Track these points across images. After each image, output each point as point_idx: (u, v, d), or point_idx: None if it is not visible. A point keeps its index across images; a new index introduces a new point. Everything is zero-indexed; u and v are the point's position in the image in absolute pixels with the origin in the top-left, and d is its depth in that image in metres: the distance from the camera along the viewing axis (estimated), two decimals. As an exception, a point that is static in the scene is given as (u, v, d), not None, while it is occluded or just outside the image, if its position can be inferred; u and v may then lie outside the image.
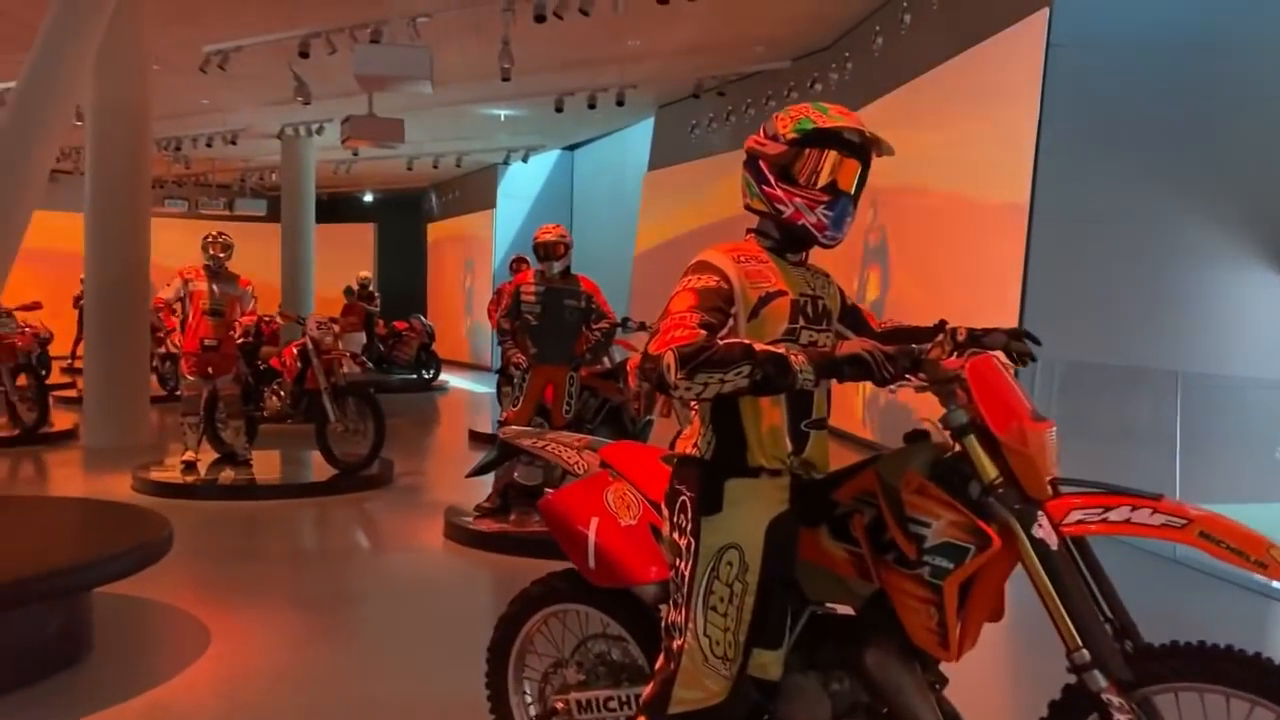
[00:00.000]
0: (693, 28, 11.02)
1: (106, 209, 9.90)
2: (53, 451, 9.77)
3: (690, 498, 2.20)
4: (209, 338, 8.05)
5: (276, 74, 12.67)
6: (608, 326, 6.47)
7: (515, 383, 6.51)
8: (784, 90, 12.21)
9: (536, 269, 6.51)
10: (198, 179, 22.18)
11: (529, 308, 6.40)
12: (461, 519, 6.37)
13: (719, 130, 13.53)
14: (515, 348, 6.45)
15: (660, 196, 15.54)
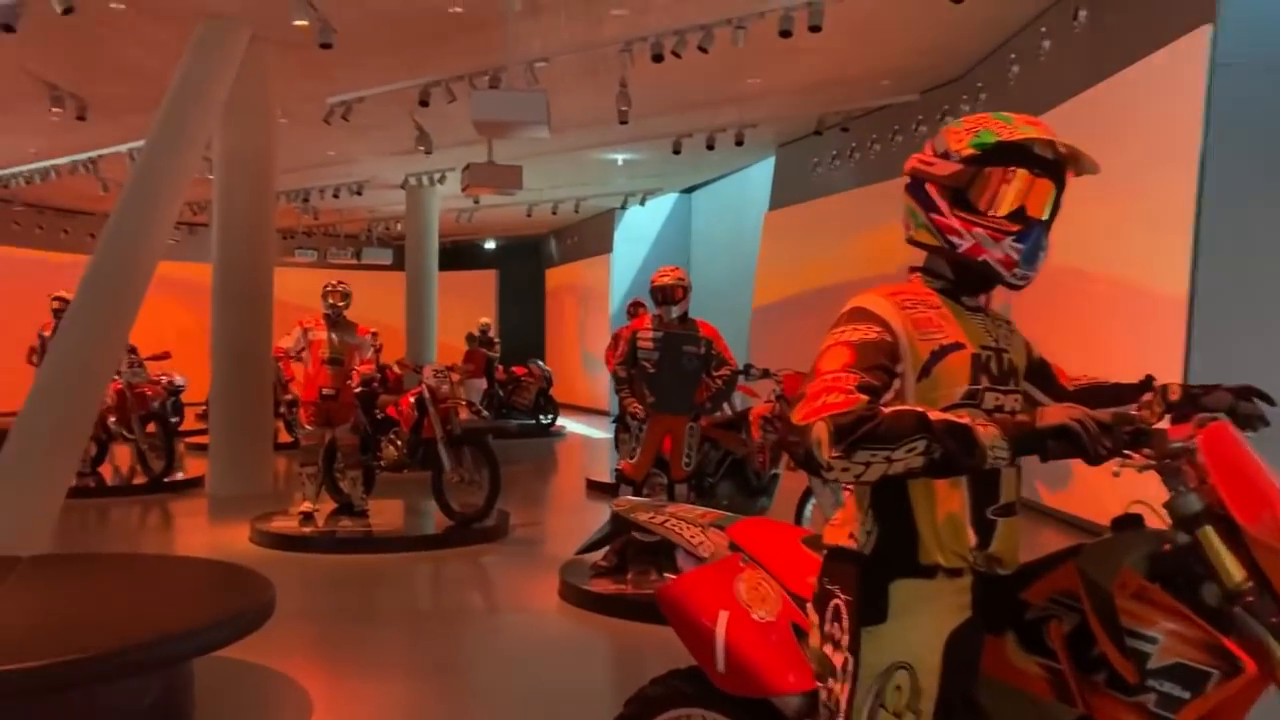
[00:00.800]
0: (815, 62, 10.66)
1: (233, 260, 10.07)
2: (179, 499, 9.89)
3: (846, 602, 1.77)
4: (327, 387, 8.00)
5: (399, 124, 12.84)
6: (729, 374, 6.10)
7: (633, 432, 6.19)
8: (912, 124, 11.71)
9: (654, 314, 6.21)
10: (326, 229, 22.81)
11: (646, 354, 6.09)
12: (577, 579, 6.04)
13: (842, 168, 13.10)
14: (632, 396, 6.14)
15: (781, 237, 15.14)
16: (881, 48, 10.37)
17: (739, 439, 6.32)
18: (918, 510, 1.75)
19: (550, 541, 8.08)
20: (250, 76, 9.68)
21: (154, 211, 7.61)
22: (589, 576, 6.05)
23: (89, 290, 6.98)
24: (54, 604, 3.89)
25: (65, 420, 6.49)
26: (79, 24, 8.91)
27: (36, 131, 13.48)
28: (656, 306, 6.13)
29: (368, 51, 10.15)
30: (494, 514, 7.81)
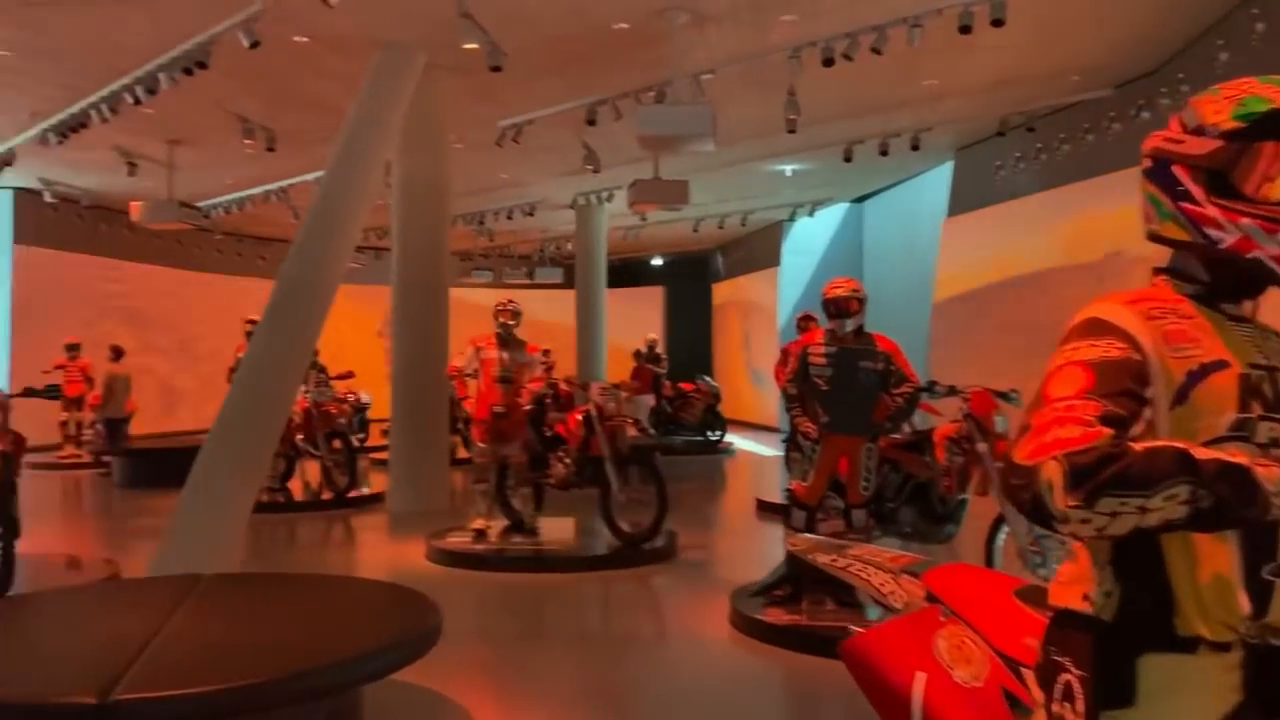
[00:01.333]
0: (998, 60, 10.09)
1: (411, 281, 10.34)
2: (361, 515, 10.19)
3: (1080, 678, 1.44)
4: (499, 405, 8.06)
5: (567, 145, 12.95)
6: (911, 391, 5.73)
7: (805, 452, 5.90)
8: (1104, 122, 10.93)
9: (826, 328, 5.90)
10: (501, 250, 23.38)
11: (818, 370, 5.79)
12: (749, 607, 5.79)
13: (1027, 170, 12.37)
14: (804, 415, 5.86)
15: (962, 245, 14.45)
16: (1070, 41, 9.71)
17: (922, 461, 5.93)
18: (1174, 569, 1.42)
19: (720, 565, 7.86)
20: (425, 103, 9.93)
21: (334, 236, 7.85)
22: (761, 605, 5.79)
23: (274, 312, 7.24)
24: (227, 625, 3.93)
25: (252, 438, 6.73)
26: (266, 58, 9.34)
27: (232, 164, 14.32)
28: (830, 320, 5.83)
29: (535, 74, 10.25)
30: (662, 534, 7.65)
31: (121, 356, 13.89)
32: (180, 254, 19.71)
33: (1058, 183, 11.72)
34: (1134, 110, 10.49)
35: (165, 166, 13.34)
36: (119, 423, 13.77)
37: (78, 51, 9.36)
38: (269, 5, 8.12)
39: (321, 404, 10.72)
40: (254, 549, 8.46)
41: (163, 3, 8.24)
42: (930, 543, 5.95)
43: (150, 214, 13.05)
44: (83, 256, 17.50)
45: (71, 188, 15.68)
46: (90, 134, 11.54)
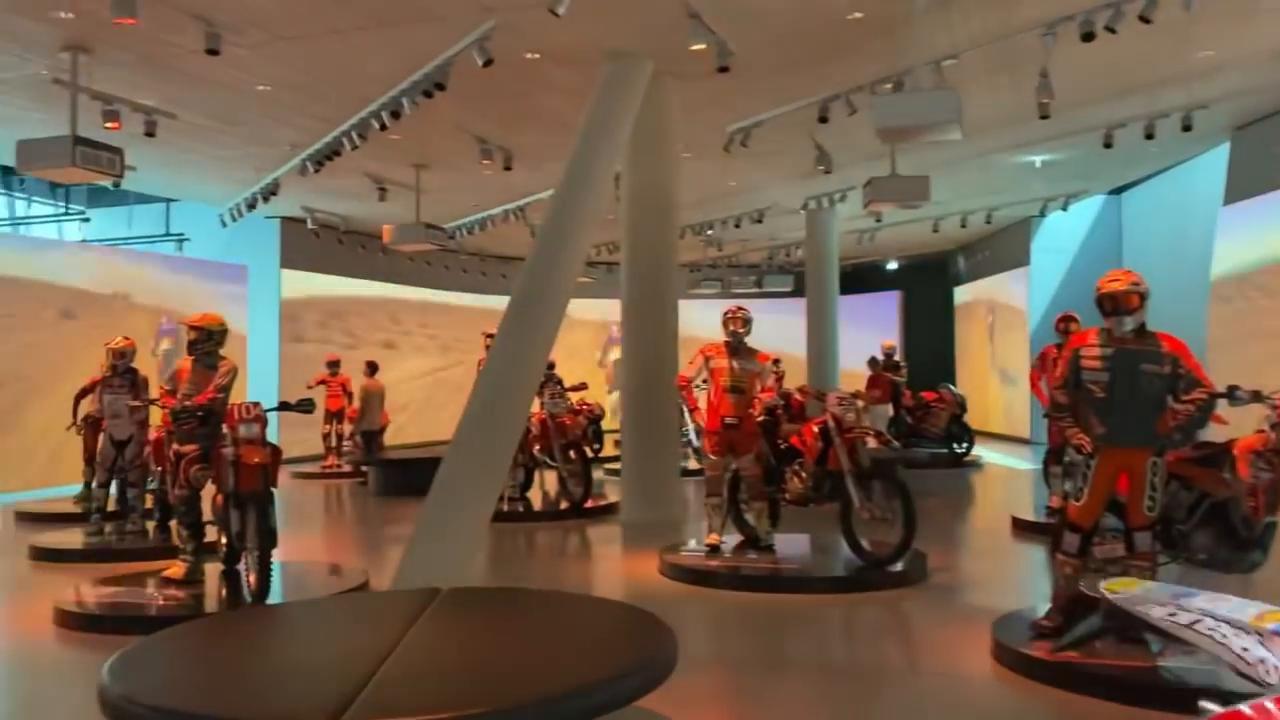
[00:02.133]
0: None
1: (639, 294, 10.26)
2: (596, 525, 10.18)
3: None
4: (730, 415, 7.78)
5: (797, 146, 12.57)
6: (1205, 398, 4.97)
7: (1078, 469, 5.25)
8: None
9: (1100, 327, 5.23)
10: (729, 260, 23.21)
11: (1093, 375, 5.13)
12: (1014, 638, 5.20)
13: None
14: (1075, 425, 5.21)
15: (1243, 235, 12.90)
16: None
17: (1219, 478, 5.12)
18: None
19: (976, 589, 7.22)
20: (653, 112, 9.83)
21: (565, 249, 7.84)
22: (1028, 638, 5.19)
23: (509, 327, 7.29)
24: (461, 644, 3.84)
25: (488, 450, 6.78)
26: (499, 77, 9.52)
27: (473, 186, 14.85)
28: (1105, 318, 5.16)
29: (764, 73, 9.94)
30: (909, 555, 7.11)
31: (376, 372, 14.67)
32: (429, 275, 20.74)
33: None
34: None
35: (412, 190, 13.98)
36: (374, 434, 14.56)
37: (328, 83, 9.89)
38: (500, 23, 8.24)
39: (557, 415, 10.83)
40: (494, 556, 8.59)
41: (403, 30, 8.53)
42: (1230, 572, 5.14)
43: (399, 236, 13.73)
44: (342, 279, 18.72)
45: (330, 214, 16.77)
46: (343, 162, 12.25)
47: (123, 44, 8.77)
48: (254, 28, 8.44)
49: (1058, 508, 9.61)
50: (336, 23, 8.42)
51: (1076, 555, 5.21)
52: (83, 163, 8.27)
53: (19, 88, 9.81)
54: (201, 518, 6.99)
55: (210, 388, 6.83)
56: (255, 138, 11.97)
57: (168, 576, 6.94)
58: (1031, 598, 6.67)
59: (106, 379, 9.04)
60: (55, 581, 7.30)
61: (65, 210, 17.69)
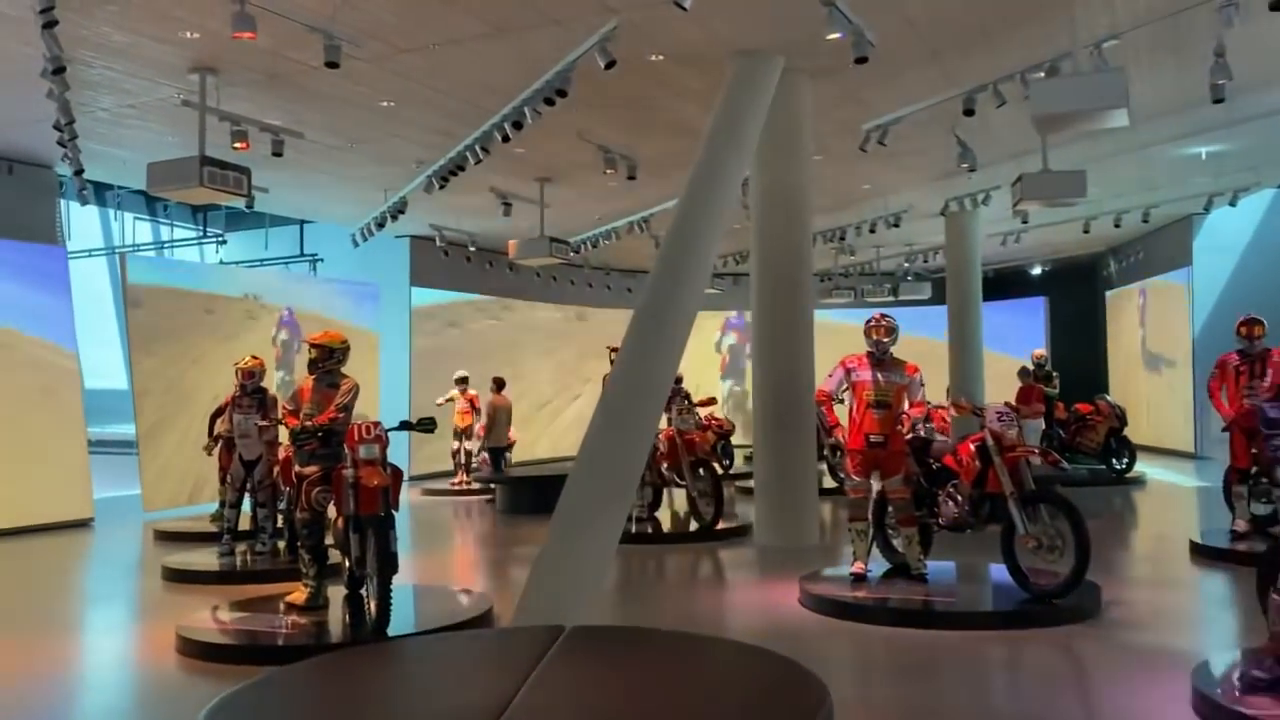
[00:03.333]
0: None
1: (772, 303, 9.74)
2: (729, 548, 9.67)
3: None
4: (874, 433, 7.19)
5: (936, 145, 11.86)
6: None
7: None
8: None
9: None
10: (862, 268, 22.39)
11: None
12: (1215, 688, 4.48)
13: None
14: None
15: None
16: None
17: None
18: None
19: (1160, 627, 6.42)
20: (783, 112, 9.33)
21: (693, 255, 7.39)
22: (1240, 689, 4.46)
23: (634, 339, 6.88)
24: (583, 695, 3.41)
25: (614, 470, 6.36)
26: (623, 83, 9.18)
27: (598, 198, 14.59)
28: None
29: (903, 66, 9.32)
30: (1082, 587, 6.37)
31: (504, 388, 14.52)
32: (556, 290, 20.64)
33: None
34: None
35: (536, 204, 13.79)
36: (501, 451, 14.40)
37: (450, 95, 9.73)
38: (622, 23, 7.88)
39: (685, 432, 10.39)
40: (622, 584, 8.19)
41: (523, 36, 8.27)
42: None
43: (524, 251, 13.55)
44: (471, 297, 18.76)
45: (458, 231, 16.78)
46: (468, 178, 12.11)
47: (248, 63, 8.78)
48: (373, 39, 8.31)
49: (1244, 532, 8.69)
50: (455, 31, 8.22)
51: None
52: (210, 183, 8.27)
53: (151, 111, 9.97)
54: (324, 541, 6.80)
55: (331, 407, 6.64)
56: (381, 156, 11.96)
57: (290, 602, 6.77)
58: (1228, 637, 5.88)
59: (236, 399, 9.05)
60: (185, 604, 7.24)
61: (203, 233, 18.24)
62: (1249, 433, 8.47)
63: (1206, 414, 17.54)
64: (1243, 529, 8.57)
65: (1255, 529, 8.62)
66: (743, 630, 6.64)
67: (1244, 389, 8.52)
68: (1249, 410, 8.44)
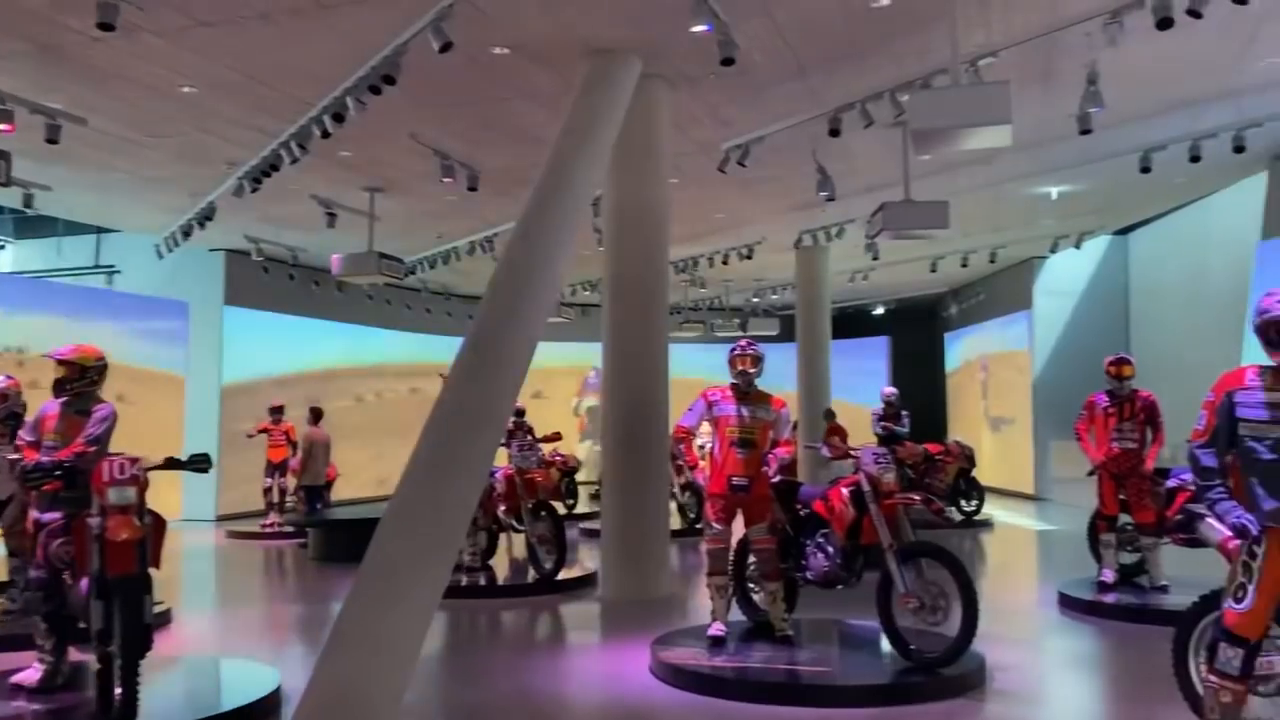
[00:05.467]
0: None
1: (623, 333, 8.86)
2: (571, 601, 8.67)
3: None
4: (738, 474, 6.34)
5: (796, 172, 11.31)
6: None
7: (1240, 562, 3.84)
8: None
9: (1264, 365, 3.87)
10: (710, 303, 21.93)
11: (1258, 431, 3.76)
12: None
13: None
14: (1227, 498, 3.82)
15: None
16: None
17: None
18: None
19: (1051, 698, 5.77)
20: (640, 123, 8.53)
21: (537, 273, 6.40)
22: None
23: (466, 365, 5.83)
24: None
25: (436, 519, 5.27)
26: (462, 78, 8.23)
27: (437, 214, 13.48)
28: (1272, 352, 3.80)
29: (769, 80, 8.68)
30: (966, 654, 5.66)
31: (321, 419, 13.12)
32: (390, 314, 19.28)
33: None
34: None
35: (366, 217, 12.54)
36: (319, 489, 12.97)
37: (262, 82, 8.49)
38: (461, 6, 6.88)
39: (526, 471, 9.35)
40: (447, 646, 7.09)
41: (344, 14, 7.17)
42: None
43: (350, 267, 12.23)
44: (292, 318, 17.20)
45: (278, 245, 15.29)
46: (286, 183, 10.84)
47: (13, 28, 7.35)
48: (165, 7, 7.04)
49: (1113, 583, 8.29)
50: (264, 4, 7.04)
51: (1239, 676, 3.79)
52: (-52, 163, 6.79)
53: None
54: (65, 606, 5.42)
55: (79, 439, 5.32)
56: (185, 153, 10.51)
57: (17, 683, 5.38)
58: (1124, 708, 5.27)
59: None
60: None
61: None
62: (1118, 477, 8.10)
63: (1047, 457, 17.72)
64: (1110, 580, 8.15)
65: (1122, 579, 8.22)
66: (586, 711, 5.65)
67: (1113, 431, 8.13)
68: (1119, 454, 8.07)
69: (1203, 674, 4.10)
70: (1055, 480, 17.26)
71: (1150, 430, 8.09)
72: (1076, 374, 16.12)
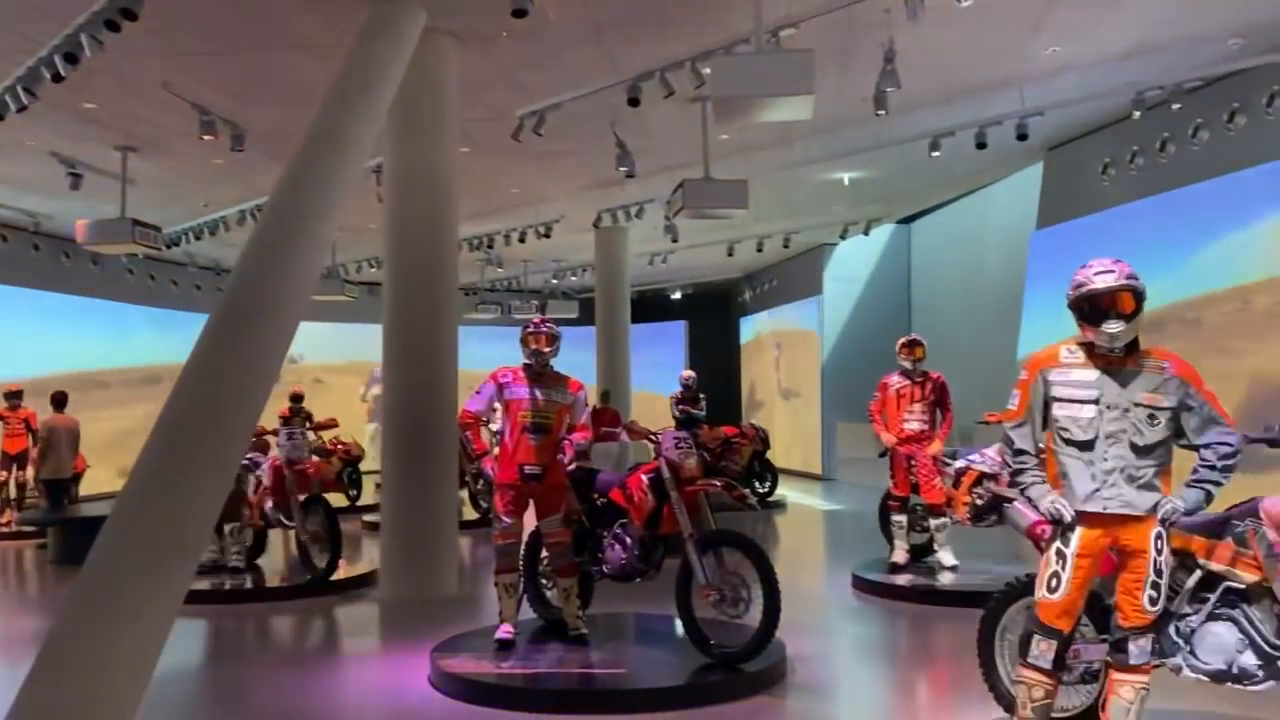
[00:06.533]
0: (1142, 20, 8.02)
1: (407, 309, 8.16)
2: (347, 604, 7.94)
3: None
4: (530, 463, 5.83)
5: (594, 147, 10.89)
6: (1230, 443, 3.52)
7: (1054, 550, 3.66)
8: (1264, 95, 8.81)
9: (1076, 341, 3.69)
10: (508, 284, 21.31)
11: (1071, 411, 3.59)
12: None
13: (1185, 152, 9.86)
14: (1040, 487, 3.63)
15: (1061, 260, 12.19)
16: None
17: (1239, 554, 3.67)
18: None
19: (856, 693, 5.58)
20: (426, 81, 7.90)
21: (299, 239, 5.65)
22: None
23: (210, 343, 5.02)
24: None
25: (174, 515, 4.50)
26: (222, 21, 7.28)
27: (201, 179, 12.24)
28: (1084, 327, 3.62)
29: (565, 43, 8.17)
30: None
31: (65, 405, 11.66)
32: (154, 291, 17.59)
33: (1202, 175, 9.56)
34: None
35: (118, 179, 11.17)
36: (62, 484, 11.53)
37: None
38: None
39: (297, 461, 8.50)
40: (208, 658, 6.26)
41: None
42: (1256, 686, 3.70)
43: (98, 234, 10.84)
44: (38, 293, 15.29)
45: (18, 211, 13.54)
46: (22, 136, 9.49)
47: None
48: None
49: (904, 564, 8.33)
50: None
51: (1052, 670, 3.61)
52: None
53: None
54: None
55: None
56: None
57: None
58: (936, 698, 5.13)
59: None
60: None
61: None
62: (909, 459, 8.11)
63: (834, 438, 18.16)
64: (902, 560, 8.17)
65: (913, 559, 8.26)
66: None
67: (904, 412, 8.14)
68: (910, 435, 8.09)
69: (1014, 669, 3.92)
70: (842, 461, 17.72)
71: (940, 411, 8.16)
72: (862, 358, 16.57)
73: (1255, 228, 9.09)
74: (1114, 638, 3.63)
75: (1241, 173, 9.20)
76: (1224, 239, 9.50)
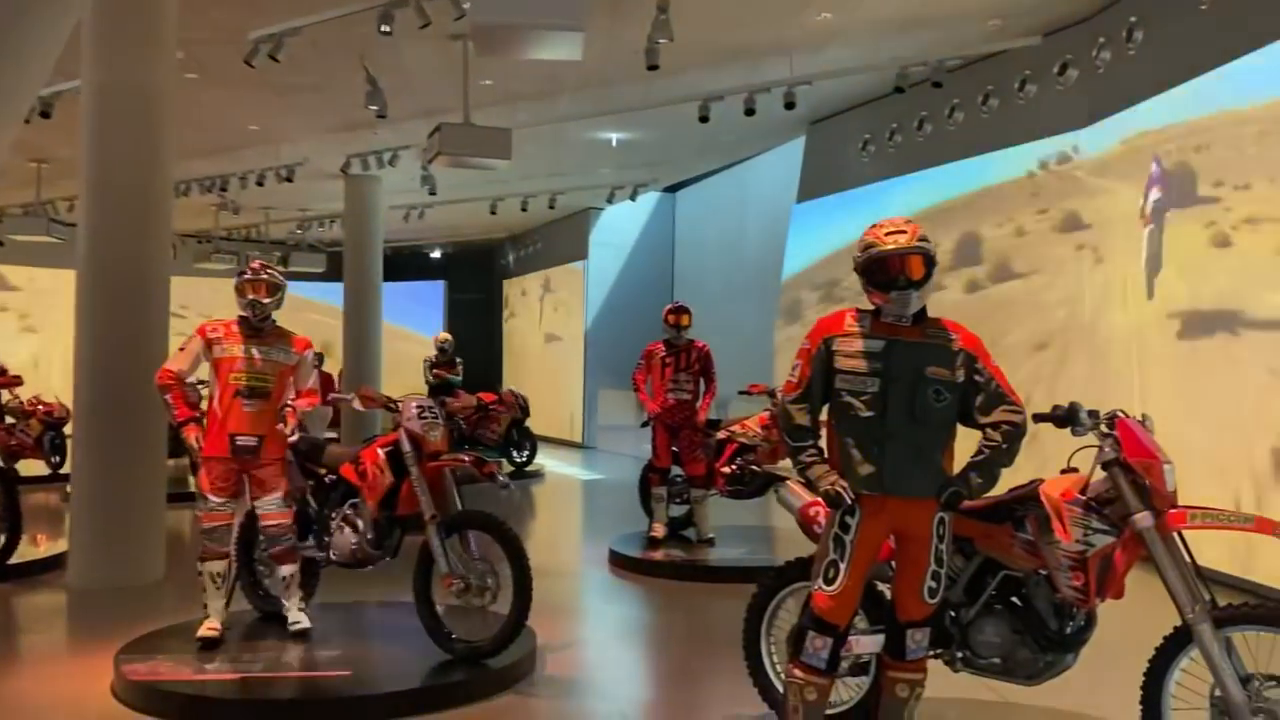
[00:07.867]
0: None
1: (106, 250, 6.96)
2: (27, 592, 6.75)
3: None
4: (244, 433, 4.98)
5: (340, 83, 9.90)
6: (1016, 420, 3.25)
7: (830, 534, 3.31)
8: (1016, 79, 9.07)
9: (860, 308, 3.35)
10: (248, 233, 19.61)
11: (855, 383, 3.23)
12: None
13: (941, 132, 10.04)
14: (824, 463, 3.26)
15: (818, 234, 12.33)
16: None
17: (1017, 540, 3.43)
18: None
19: (612, 685, 5.12)
20: None
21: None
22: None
23: None
24: None
25: None
26: None
27: None
28: (872, 294, 3.27)
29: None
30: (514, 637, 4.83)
31: None
32: None
33: (968, 152, 9.77)
34: (1059, 66, 8.67)
35: None
36: None
37: None
38: None
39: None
40: None
41: None
42: (1030, 682, 3.50)
43: None
44: None
45: None
46: None
47: None
48: None
49: (661, 537, 8.04)
50: None
51: (827, 670, 3.26)
52: None
53: None
54: None
55: None
56: None
57: None
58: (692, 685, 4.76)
59: None
60: None
61: None
62: (672, 429, 7.81)
63: (594, 405, 17.89)
64: (660, 534, 7.87)
65: (670, 532, 7.97)
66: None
67: (669, 381, 7.82)
68: (674, 405, 7.78)
69: (784, 670, 3.56)
70: (601, 428, 17.50)
71: (704, 381, 7.90)
72: (625, 325, 16.36)
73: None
74: (889, 630, 3.33)
75: (989, 155, 9.49)
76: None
